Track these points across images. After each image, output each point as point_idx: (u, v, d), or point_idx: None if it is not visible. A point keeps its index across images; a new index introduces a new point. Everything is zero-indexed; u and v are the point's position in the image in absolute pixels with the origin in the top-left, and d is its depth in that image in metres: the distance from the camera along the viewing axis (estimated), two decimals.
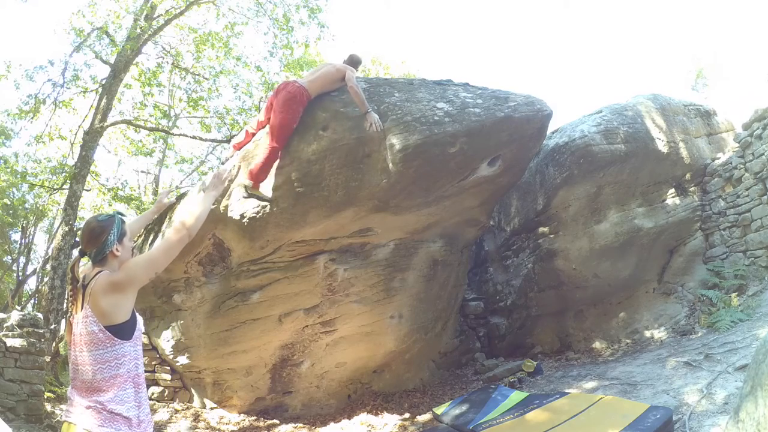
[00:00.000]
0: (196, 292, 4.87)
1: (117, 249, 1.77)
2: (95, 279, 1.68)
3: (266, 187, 3.85)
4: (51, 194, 11.29)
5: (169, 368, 5.69)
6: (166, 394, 5.62)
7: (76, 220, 8.86)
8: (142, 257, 1.77)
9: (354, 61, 4.24)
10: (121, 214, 1.89)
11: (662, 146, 5.91)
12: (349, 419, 4.90)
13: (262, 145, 3.89)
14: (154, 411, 5.31)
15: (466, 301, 6.94)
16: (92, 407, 1.58)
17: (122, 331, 1.67)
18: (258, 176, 3.74)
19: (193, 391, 5.65)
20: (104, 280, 1.66)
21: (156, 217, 4.89)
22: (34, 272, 13.81)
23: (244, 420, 5.18)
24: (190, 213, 1.90)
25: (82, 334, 1.64)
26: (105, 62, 9.54)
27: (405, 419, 4.72)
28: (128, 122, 10.43)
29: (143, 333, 5.87)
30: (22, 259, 14.01)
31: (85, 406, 1.59)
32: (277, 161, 3.78)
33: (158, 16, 9.89)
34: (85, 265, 1.86)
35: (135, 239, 2.16)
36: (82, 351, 1.63)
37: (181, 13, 9.94)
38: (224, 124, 11.36)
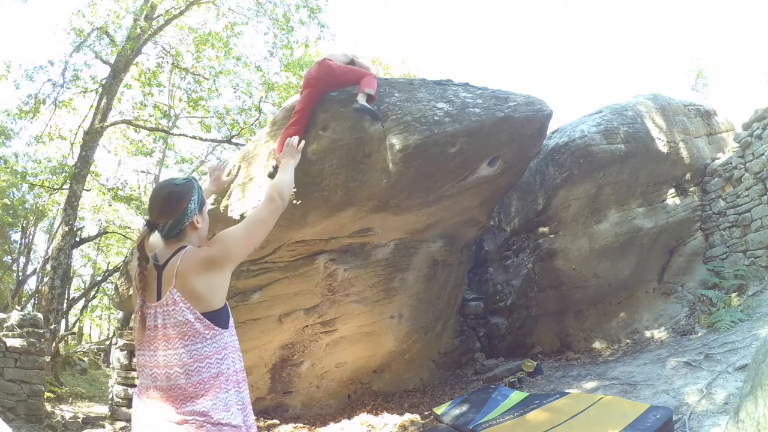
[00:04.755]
0: None
1: (197, 220, 1.49)
2: (179, 256, 1.37)
3: None
4: (51, 194, 11.31)
5: None
6: None
7: (76, 220, 8.86)
8: (239, 228, 1.49)
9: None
10: (195, 179, 1.59)
11: (662, 146, 5.91)
12: (349, 419, 4.90)
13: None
14: None
15: (466, 301, 6.94)
16: (189, 422, 1.24)
17: (220, 318, 1.38)
18: (374, 90, 3.71)
19: None
20: (196, 256, 1.37)
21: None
22: (34, 272, 13.83)
23: None
24: (279, 183, 1.69)
25: (167, 327, 1.32)
26: (105, 62, 9.56)
27: (405, 419, 4.72)
28: (128, 122, 10.46)
29: None
30: (22, 259, 14.03)
31: (176, 422, 1.25)
32: None
33: (158, 16, 9.91)
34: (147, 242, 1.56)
35: None
36: (168, 348, 1.31)
37: (181, 13, 9.95)
38: (224, 124, 11.38)
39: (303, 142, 2.03)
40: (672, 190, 6.24)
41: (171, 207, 1.43)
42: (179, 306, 1.31)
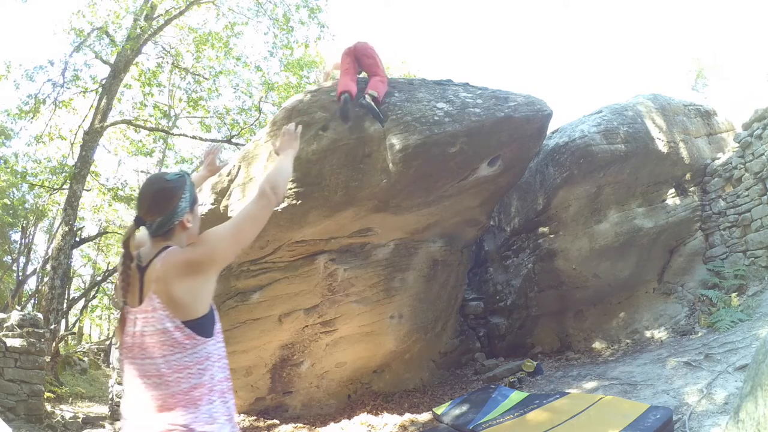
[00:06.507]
0: None
1: (188, 219, 1.36)
2: (161, 258, 1.26)
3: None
4: (51, 194, 11.31)
5: None
6: None
7: (76, 220, 8.87)
8: (226, 227, 1.35)
9: None
10: (188, 174, 1.48)
11: (662, 146, 5.91)
12: (349, 419, 4.90)
13: (373, 80, 3.99)
14: None
15: (466, 301, 6.94)
16: (171, 431, 1.18)
17: (203, 326, 1.27)
18: (381, 95, 3.95)
19: None
20: (177, 259, 1.25)
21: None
22: (34, 272, 13.83)
23: (244, 420, 5.18)
24: (274, 175, 1.51)
25: (146, 334, 1.23)
26: (105, 62, 9.56)
27: (405, 419, 4.72)
28: (128, 122, 10.46)
29: None
30: (22, 259, 14.03)
31: (160, 431, 1.19)
32: None
33: (158, 16, 9.91)
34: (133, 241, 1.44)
35: None
36: (147, 357, 1.22)
37: (181, 13, 9.95)
38: (224, 124, 11.38)
39: (300, 127, 1.88)
40: (672, 190, 6.24)
41: (160, 204, 1.32)
42: (158, 313, 1.21)
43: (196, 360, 1.24)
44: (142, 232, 1.38)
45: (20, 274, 13.61)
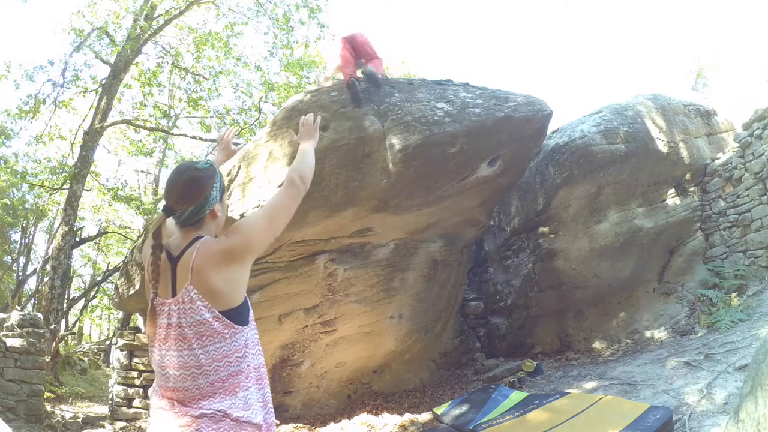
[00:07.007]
0: None
1: (218, 209, 1.37)
2: (195, 248, 1.25)
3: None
4: (51, 194, 11.31)
5: None
6: None
7: (76, 220, 8.86)
8: (259, 216, 1.35)
9: None
10: (215, 163, 1.49)
11: (662, 146, 5.91)
12: (349, 419, 4.90)
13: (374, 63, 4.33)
14: None
15: (466, 301, 6.94)
16: (207, 415, 1.18)
17: (241, 314, 1.28)
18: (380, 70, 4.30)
19: None
20: (213, 249, 1.25)
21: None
22: (34, 272, 13.81)
23: None
24: (300, 165, 1.54)
25: (183, 326, 1.22)
26: (105, 62, 9.56)
27: (405, 419, 4.72)
28: (128, 122, 10.45)
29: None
30: (22, 259, 14.01)
31: (195, 416, 1.18)
32: None
33: (158, 16, 9.91)
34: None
35: None
36: (183, 349, 1.22)
37: (181, 13, 9.95)
38: (224, 124, 11.37)
39: (319, 118, 1.88)
40: (672, 190, 6.24)
41: (192, 193, 1.31)
42: (196, 305, 1.21)
43: (234, 348, 1.25)
44: (168, 222, 1.37)
45: (20, 274, 13.59)
